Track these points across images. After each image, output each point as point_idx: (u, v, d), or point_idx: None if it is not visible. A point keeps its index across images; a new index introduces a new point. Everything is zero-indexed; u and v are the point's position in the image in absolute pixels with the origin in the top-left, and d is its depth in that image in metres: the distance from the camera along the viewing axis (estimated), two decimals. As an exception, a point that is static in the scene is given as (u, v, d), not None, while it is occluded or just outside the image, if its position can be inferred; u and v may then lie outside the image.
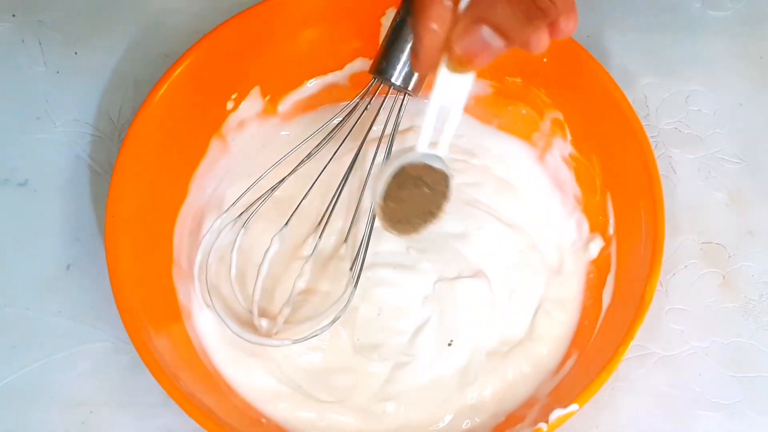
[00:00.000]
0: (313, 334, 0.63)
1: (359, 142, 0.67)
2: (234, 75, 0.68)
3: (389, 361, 0.65)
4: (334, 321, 0.63)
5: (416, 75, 0.64)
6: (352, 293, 0.64)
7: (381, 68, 0.64)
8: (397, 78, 0.64)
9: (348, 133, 0.66)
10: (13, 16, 0.75)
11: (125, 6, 0.75)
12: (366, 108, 0.66)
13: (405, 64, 0.64)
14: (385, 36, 0.64)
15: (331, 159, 0.66)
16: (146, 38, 0.74)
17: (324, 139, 0.66)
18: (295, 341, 0.63)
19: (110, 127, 0.71)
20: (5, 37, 0.74)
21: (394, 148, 0.66)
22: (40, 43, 0.74)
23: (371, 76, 0.65)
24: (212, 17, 0.69)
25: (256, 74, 0.69)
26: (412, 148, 0.70)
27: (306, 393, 0.64)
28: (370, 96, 0.66)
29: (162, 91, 0.64)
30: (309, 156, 0.65)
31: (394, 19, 0.64)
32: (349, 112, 0.66)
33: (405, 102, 0.66)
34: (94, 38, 0.74)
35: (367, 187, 0.67)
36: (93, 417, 0.63)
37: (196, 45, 0.66)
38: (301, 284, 0.65)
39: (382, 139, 0.67)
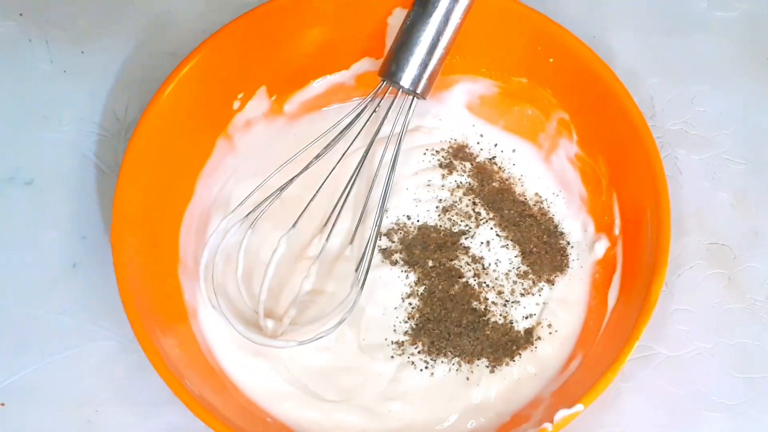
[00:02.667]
0: (319, 336, 0.63)
1: (367, 143, 0.67)
2: (240, 74, 0.68)
3: (395, 360, 0.65)
4: (339, 323, 0.63)
5: (425, 79, 0.64)
6: (359, 295, 0.64)
7: (390, 71, 0.64)
8: (406, 81, 0.64)
9: (357, 135, 0.66)
10: (20, 15, 0.75)
11: (132, 5, 0.75)
12: (375, 111, 0.66)
13: (414, 67, 0.64)
14: (395, 39, 0.64)
15: (339, 160, 0.66)
16: (153, 37, 0.74)
17: (333, 139, 0.66)
18: (301, 343, 0.63)
19: (117, 126, 0.71)
20: (12, 36, 0.74)
21: (402, 148, 0.66)
22: (46, 42, 0.74)
23: (380, 78, 0.65)
24: (219, 17, 0.69)
25: (263, 74, 0.69)
26: (421, 147, 0.71)
27: (312, 392, 0.64)
28: (379, 98, 0.66)
29: (168, 90, 0.64)
30: (317, 157, 0.65)
31: (404, 22, 0.64)
32: (358, 113, 0.66)
33: (414, 104, 0.66)
34: (101, 37, 0.74)
35: (374, 187, 0.67)
36: (98, 416, 0.64)
37: (202, 44, 0.66)
38: (308, 286, 0.65)
39: (390, 140, 0.67)
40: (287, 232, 0.65)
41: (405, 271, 0.67)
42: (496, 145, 0.72)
